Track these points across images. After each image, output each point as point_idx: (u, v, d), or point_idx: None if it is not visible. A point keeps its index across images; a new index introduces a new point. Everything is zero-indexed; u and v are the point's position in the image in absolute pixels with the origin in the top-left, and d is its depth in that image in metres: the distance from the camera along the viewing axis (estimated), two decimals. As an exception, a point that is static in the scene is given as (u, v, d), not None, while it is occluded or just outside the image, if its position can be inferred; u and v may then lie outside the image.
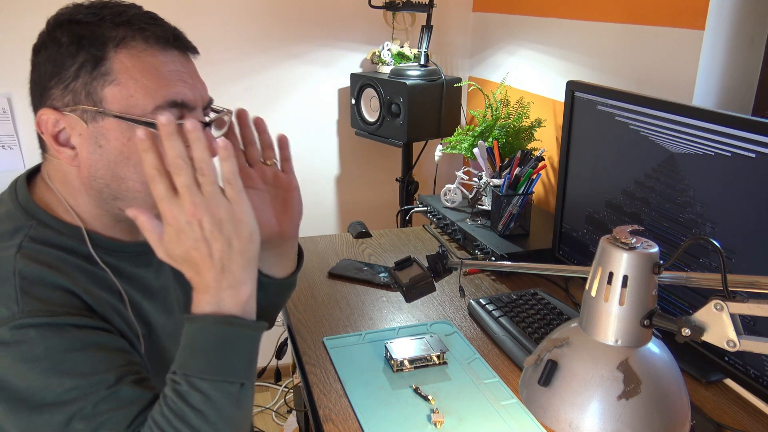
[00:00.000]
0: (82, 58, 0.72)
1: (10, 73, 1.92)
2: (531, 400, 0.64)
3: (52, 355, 0.68)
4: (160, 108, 0.73)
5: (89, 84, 0.73)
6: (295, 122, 2.28)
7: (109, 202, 0.78)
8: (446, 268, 0.98)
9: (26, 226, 0.76)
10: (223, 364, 0.70)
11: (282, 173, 0.93)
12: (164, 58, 0.75)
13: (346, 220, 2.46)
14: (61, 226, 0.78)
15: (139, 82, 0.73)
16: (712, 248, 1.00)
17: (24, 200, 0.79)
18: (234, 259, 0.69)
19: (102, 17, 0.73)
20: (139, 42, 0.74)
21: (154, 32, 0.75)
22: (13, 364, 0.67)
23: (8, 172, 2.00)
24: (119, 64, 0.73)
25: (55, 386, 0.68)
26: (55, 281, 0.72)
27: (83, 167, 0.76)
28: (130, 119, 0.73)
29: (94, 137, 0.74)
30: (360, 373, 1.10)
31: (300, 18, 2.16)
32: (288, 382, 2.42)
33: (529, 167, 1.55)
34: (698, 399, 1.04)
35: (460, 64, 2.38)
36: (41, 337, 0.68)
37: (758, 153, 0.91)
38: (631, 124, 1.15)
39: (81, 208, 0.79)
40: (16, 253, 0.72)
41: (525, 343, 1.16)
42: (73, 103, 0.73)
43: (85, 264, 0.77)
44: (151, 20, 0.76)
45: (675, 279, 0.65)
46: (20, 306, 0.68)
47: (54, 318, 0.69)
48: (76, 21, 0.73)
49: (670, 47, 1.38)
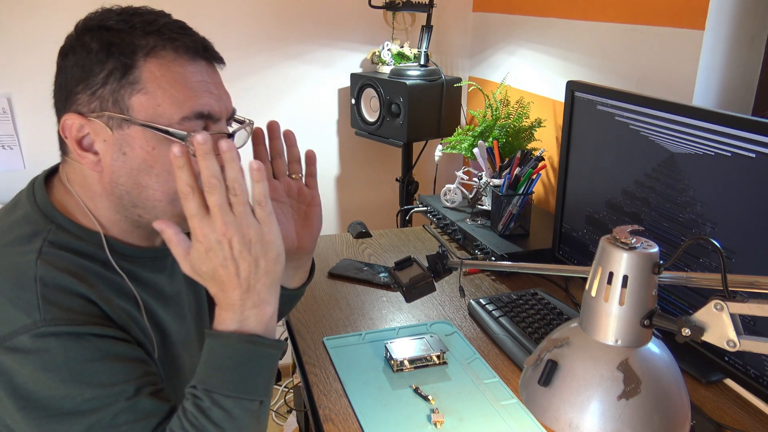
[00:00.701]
0: (111, 65, 0.72)
1: (10, 73, 1.92)
2: (531, 400, 0.64)
3: (73, 365, 0.68)
4: (186, 119, 0.74)
5: (117, 91, 0.73)
6: (295, 122, 2.28)
7: (129, 209, 0.78)
8: (446, 268, 0.98)
9: (45, 230, 0.76)
10: (245, 381, 0.71)
11: (306, 188, 0.94)
12: (192, 69, 0.75)
13: (346, 220, 2.46)
14: (80, 230, 0.78)
15: (168, 92, 0.73)
16: (712, 248, 1.00)
17: (42, 203, 0.78)
18: (260, 279, 0.71)
19: (132, 25, 0.73)
20: (169, 52, 0.74)
21: (184, 42, 0.75)
22: (33, 372, 0.68)
23: (8, 172, 2.00)
24: (148, 73, 0.73)
25: (75, 395, 0.68)
26: (76, 289, 0.71)
27: (105, 173, 0.76)
28: (156, 128, 0.73)
29: (118, 144, 0.74)
30: (360, 373, 1.10)
31: (300, 18, 2.16)
32: (288, 382, 2.42)
33: (529, 167, 1.55)
34: (698, 399, 1.04)
35: (460, 64, 2.38)
36: (62, 346, 0.68)
37: (758, 153, 0.91)
38: (631, 124, 1.16)
39: (100, 212, 0.79)
40: (37, 258, 0.72)
41: (525, 343, 1.16)
42: (100, 109, 0.73)
43: (103, 270, 0.77)
44: (181, 30, 0.76)
45: (675, 279, 0.65)
46: (42, 314, 0.68)
47: (75, 327, 0.69)
48: (106, 27, 0.73)
49: (670, 47, 1.38)
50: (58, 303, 0.69)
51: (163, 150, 0.74)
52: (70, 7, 1.91)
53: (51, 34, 1.96)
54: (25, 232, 0.75)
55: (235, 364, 0.71)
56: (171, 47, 0.74)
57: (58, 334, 0.68)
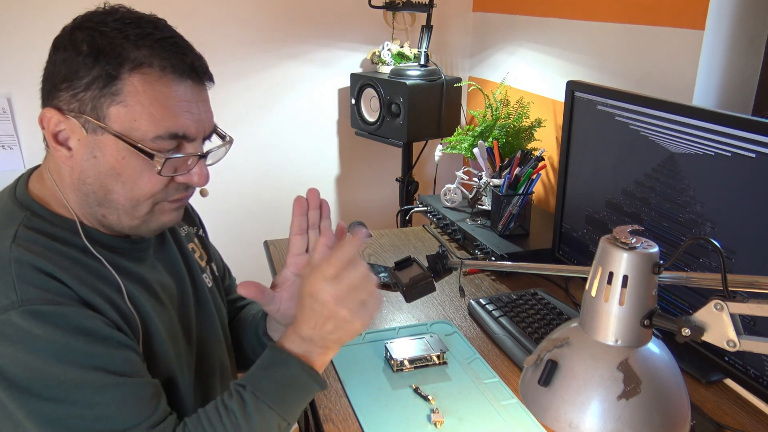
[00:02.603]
0: (96, 72, 0.73)
1: (10, 73, 1.92)
2: (531, 400, 0.64)
3: (53, 346, 0.70)
4: (160, 137, 0.75)
5: (97, 99, 0.74)
6: (295, 122, 2.28)
7: (93, 207, 0.80)
8: (446, 268, 0.98)
9: (20, 216, 0.77)
10: (288, 402, 0.80)
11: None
12: (176, 88, 0.76)
13: (346, 220, 2.45)
14: (54, 218, 0.79)
15: (146, 108, 0.74)
16: (712, 248, 1.00)
17: (20, 194, 0.81)
18: (340, 334, 0.79)
19: (126, 35, 0.74)
20: (155, 69, 0.74)
21: (172, 62, 0.75)
22: (14, 353, 0.68)
23: (8, 172, 2.00)
24: (131, 87, 0.74)
25: (58, 375, 0.70)
26: (49, 271, 0.72)
27: (75, 170, 0.78)
28: (128, 142, 0.74)
29: (90, 147, 0.76)
30: (360, 373, 1.10)
31: (300, 18, 2.16)
32: (288, 382, 2.42)
33: (529, 167, 1.55)
34: (698, 399, 1.04)
35: (460, 64, 2.38)
36: (42, 326, 0.69)
37: (758, 153, 0.91)
38: (631, 124, 1.15)
39: (71, 204, 0.81)
40: (12, 243, 0.73)
41: (525, 343, 1.16)
42: (78, 111, 0.75)
43: (80, 255, 0.78)
44: (174, 47, 0.76)
45: (675, 279, 0.65)
46: (18, 294, 0.69)
47: (52, 307, 0.70)
48: (100, 31, 0.74)
49: (670, 47, 1.38)
50: (33, 283, 0.71)
51: (132, 160, 0.76)
52: (70, 8, 1.91)
53: (51, 34, 1.95)
54: (1, 220, 0.77)
55: (288, 383, 0.79)
56: (158, 65, 0.74)
57: (37, 314, 0.69)
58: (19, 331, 0.68)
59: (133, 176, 0.77)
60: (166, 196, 0.81)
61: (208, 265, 1.04)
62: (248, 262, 2.09)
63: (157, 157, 0.75)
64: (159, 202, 0.81)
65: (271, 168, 2.30)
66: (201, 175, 0.81)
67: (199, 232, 1.07)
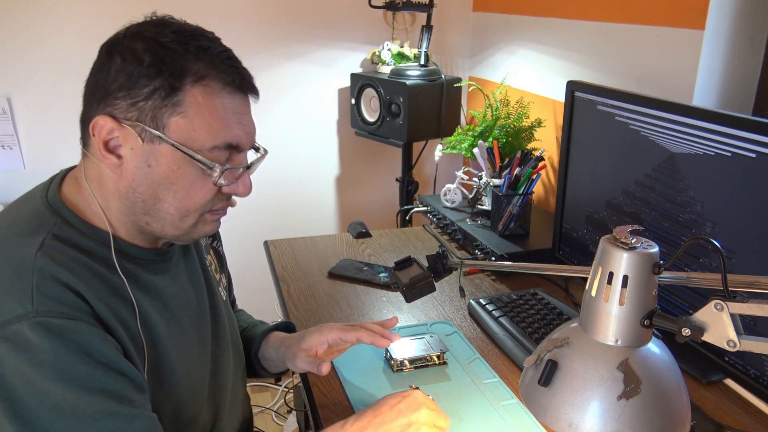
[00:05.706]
0: (159, 83, 0.74)
1: (10, 73, 1.92)
2: (531, 400, 0.64)
3: (59, 364, 0.69)
4: (216, 147, 0.77)
5: (158, 109, 0.74)
6: (295, 122, 2.28)
7: (139, 215, 0.80)
8: (446, 268, 0.98)
9: (51, 223, 0.77)
10: None
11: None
12: (232, 101, 0.78)
13: (346, 220, 2.46)
14: (85, 227, 0.79)
15: (206, 119, 0.76)
16: (712, 248, 1.00)
17: (52, 198, 0.80)
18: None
19: (187, 47, 0.75)
20: (216, 81, 0.76)
21: (230, 75, 0.78)
22: (20, 365, 0.68)
23: (8, 172, 2.00)
24: (192, 98, 0.75)
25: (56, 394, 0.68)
26: (71, 284, 0.72)
27: (125, 178, 0.78)
28: (186, 152, 0.76)
29: (145, 156, 0.76)
30: (360, 373, 1.10)
31: (300, 18, 2.16)
32: (288, 382, 2.42)
33: (529, 167, 1.55)
34: (698, 399, 1.04)
35: (460, 64, 2.38)
36: (51, 342, 0.68)
37: (758, 153, 0.91)
38: (631, 124, 1.16)
39: (110, 211, 0.80)
40: (38, 250, 0.73)
41: (525, 343, 1.16)
42: (136, 120, 0.75)
43: (103, 269, 0.77)
44: (230, 60, 0.79)
45: (675, 279, 0.65)
46: (34, 305, 0.69)
47: (65, 321, 0.70)
48: (161, 43, 0.75)
49: (670, 47, 1.38)
50: (51, 295, 0.70)
51: (187, 170, 0.77)
52: (70, 8, 1.91)
53: (51, 34, 1.96)
54: (32, 224, 0.77)
55: None
56: (218, 77, 0.77)
57: (47, 327, 0.68)
58: (27, 343, 0.68)
59: (185, 186, 0.78)
60: (212, 206, 0.82)
61: (221, 278, 1.05)
62: (248, 262, 2.10)
63: (215, 168, 0.77)
64: (203, 213, 0.82)
65: (271, 168, 2.30)
66: (246, 186, 0.83)
67: (214, 243, 1.08)
